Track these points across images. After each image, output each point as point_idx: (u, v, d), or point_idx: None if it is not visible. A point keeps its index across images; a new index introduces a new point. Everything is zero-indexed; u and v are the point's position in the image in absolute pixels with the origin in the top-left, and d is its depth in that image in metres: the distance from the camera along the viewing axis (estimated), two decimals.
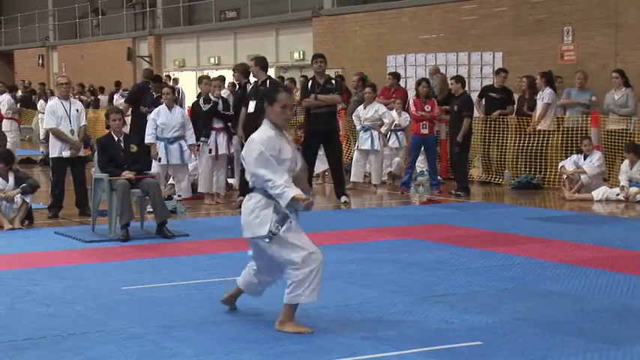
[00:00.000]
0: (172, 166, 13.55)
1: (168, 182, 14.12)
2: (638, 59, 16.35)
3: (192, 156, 13.98)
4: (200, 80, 15.03)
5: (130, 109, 15.90)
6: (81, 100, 17.53)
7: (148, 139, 13.32)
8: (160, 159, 13.32)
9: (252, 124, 13.40)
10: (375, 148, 15.61)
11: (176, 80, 25.72)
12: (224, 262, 9.05)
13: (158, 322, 6.62)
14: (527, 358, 5.70)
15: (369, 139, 15.60)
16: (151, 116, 13.73)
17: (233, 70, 15.12)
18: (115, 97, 26.31)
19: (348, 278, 8.14)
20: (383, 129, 15.82)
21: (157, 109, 13.72)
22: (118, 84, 28.39)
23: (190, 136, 13.52)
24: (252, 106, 13.17)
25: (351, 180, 15.72)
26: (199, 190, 14.01)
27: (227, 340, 6.15)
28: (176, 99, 14.90)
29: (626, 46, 17.32)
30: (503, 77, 16.62)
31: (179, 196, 13.29)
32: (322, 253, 6.28)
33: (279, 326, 6.33)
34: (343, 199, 13.89)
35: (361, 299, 7.07)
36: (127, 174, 10.74)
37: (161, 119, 13.43)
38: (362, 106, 16.00)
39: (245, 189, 13.50)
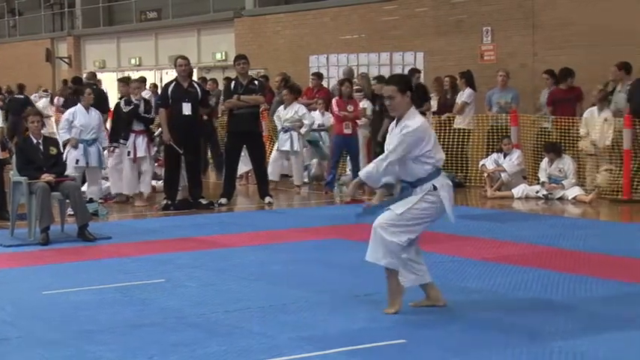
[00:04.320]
0: (89, 168, 13.20)
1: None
2: (555, 59, 16.64)
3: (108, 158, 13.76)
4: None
5: None
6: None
7: (64, 136, 12.95)
8: (77, 160, 12.98)
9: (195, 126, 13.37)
10: (295, 149, 15.58)
11: (99, 81, 25.30)
12: (146, 265, 8.97)
13: (81, 327, 6.53)
14: (451, 354, 5.76)
15: (289, 140, 15.55)
16: (65, 116, 13.38)
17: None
18: (34, 97, 25.78)
19: (273, 279, 8.12)
20: (302, 130, 15.71)
21: (72, 109, 13.28)
22: (65, 82, 27.19)
23: (103, 139, 13.33)
24: (187, 107, 13.06)
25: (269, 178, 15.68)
26: (124, 192, 13.84)
27: (151, 343, 6.09)
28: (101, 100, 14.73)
29: (543, 45, 17.63)
30: (417, 78, 16.77)
31: (103, 198, 13.12)
32: None
33: None
34: (267, 199, 13.87)
35: (286, 300, 7.06)
36: (47, 177, 10.57)
37: (79, 120, 13.02)
38: (282, 106, 15.98)
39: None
